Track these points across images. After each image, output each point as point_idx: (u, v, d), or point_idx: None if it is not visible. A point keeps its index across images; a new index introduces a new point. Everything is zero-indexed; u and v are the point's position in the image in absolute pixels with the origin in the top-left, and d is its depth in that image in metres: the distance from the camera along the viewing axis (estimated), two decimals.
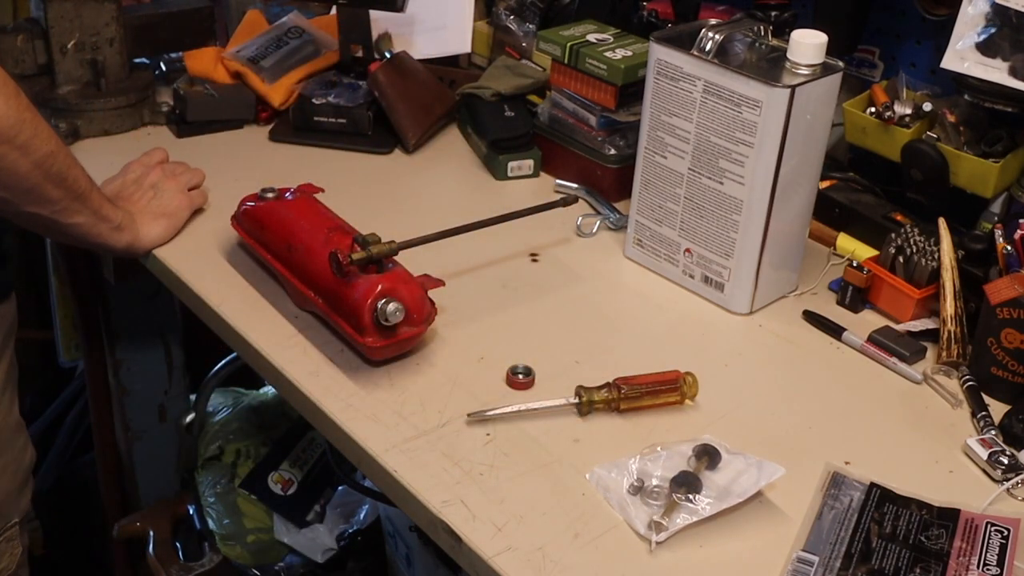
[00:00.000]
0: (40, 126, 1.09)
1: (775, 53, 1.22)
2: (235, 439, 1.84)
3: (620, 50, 1.43)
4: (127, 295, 1.74)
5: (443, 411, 1.06)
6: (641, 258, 1.35)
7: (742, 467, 0.98)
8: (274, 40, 1.68)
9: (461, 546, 0.92)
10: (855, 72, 1.51)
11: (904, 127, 1.36)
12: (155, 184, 1.33)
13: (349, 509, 1.83)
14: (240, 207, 1.28)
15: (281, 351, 1.14)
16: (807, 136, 1.19)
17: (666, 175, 1.28)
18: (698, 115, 1.22)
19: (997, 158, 1.29)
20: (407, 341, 1.11)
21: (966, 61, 1.24)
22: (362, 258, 1.09)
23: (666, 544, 0.93)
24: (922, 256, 1.24)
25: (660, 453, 1.00)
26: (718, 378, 1.14)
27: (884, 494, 1.00)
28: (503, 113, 1.57)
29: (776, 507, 0.98)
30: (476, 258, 1.32)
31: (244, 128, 1.62)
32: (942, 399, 1.15)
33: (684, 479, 0.96)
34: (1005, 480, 1.02)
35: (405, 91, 1.59)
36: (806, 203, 1.27)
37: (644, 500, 0.96)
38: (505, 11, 1.73)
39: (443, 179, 1.55)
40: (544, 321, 1.23)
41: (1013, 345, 1.12)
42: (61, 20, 1.52)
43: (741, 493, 0.95)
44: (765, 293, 1.28)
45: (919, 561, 0.93)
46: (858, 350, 1.21)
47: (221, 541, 1.78)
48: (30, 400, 2.25)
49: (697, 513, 0.94)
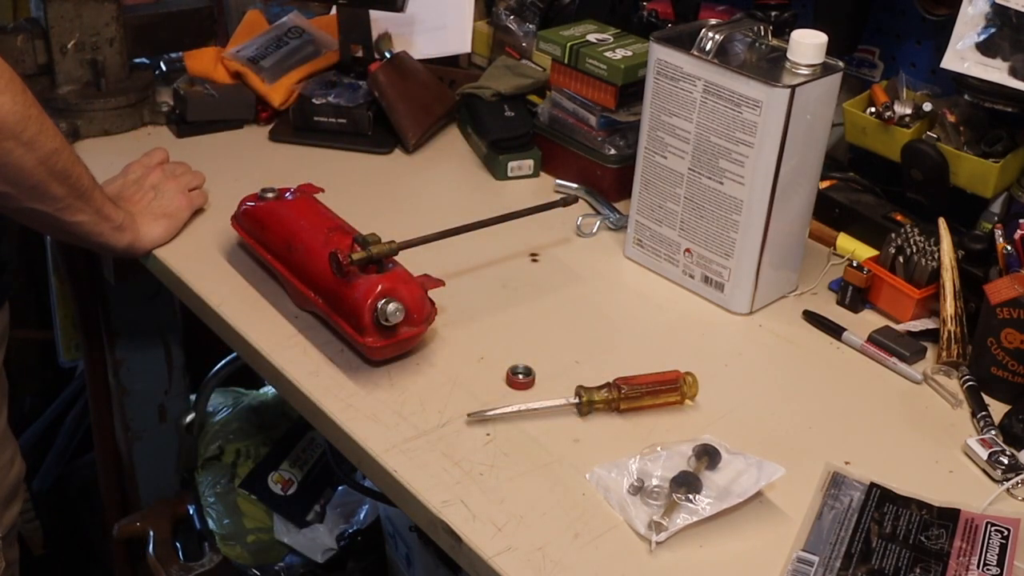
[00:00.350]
0: (46, 123, 1.09)
1: (775, 53, 1.22)
2: (235, 439, 1.84)
3: (620, 50, 1.43)
4: (127, 295, 1.74)
5: (443, 411, 1.06)
6: (641, 258, 1.35)
7: (742, 467, 0.98)
8: (274, 40, 1.68)
9: (461, 546, 0.92)
10: (855, 72, 1.51)
11: (904, 127, 1.36)
12: (156, 185, 1.33)
13: (349, 509, 1.83)
14: (240, 207, 1.28)
15: (281, 351, 1.14)
16: (807, 136, 1.19)
17: (666, 175, 1.28)
18: (698, 115, 1.22)
19: (997, 158, 1.29)
20: (407, 341, 1.11)
21: (966, 61, 1.24)
22: (362, 258, 1.09)
23: (666, 544, 0.93)
24: (922, 256, 1.24)
25: (660, 453, 1.00)
26: (718, 378, 1.14)
27: (884, 494, 1.00)
28: (503, 113, 1.57)
29: (776, 507, 0.98)
30: (476, 258, 1.32)
31: (244, 128, 1.62)
32: (942, 399, 1.15)
33: (684, 479, 0.96)
34: (1005, 480, 1.02)
35: (405, 91, 1.59)
36: (806, 203, 1.27)
37: (644, 500, 0.96)
38: (505, 11, 1.73)
39: (443, 179, 1.55)
40: (544, 321, 1.23)
41: (1013, 345, 1.12)
42: (61, 20, 1.52)
43: (741, 493, 0.95)
44: (765, 293, 1.28)
45: (919, 561, 0.93)
46: (858, 350, 1.21)
47: (221, 541, 1.78)
48: (30, 400, 2.25)
49: (697, 513, 0.94)
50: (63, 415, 2.23)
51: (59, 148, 1.11)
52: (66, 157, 1.13)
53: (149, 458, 1.91)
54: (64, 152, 1.12)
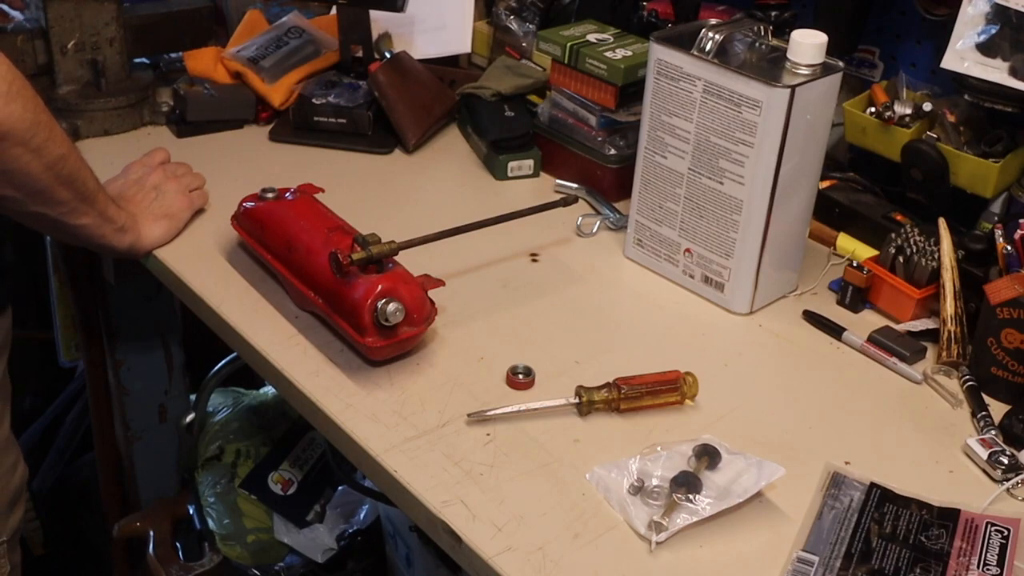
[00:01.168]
0: (55, 129, 1.09)
1: (775, 53, 1.22)
2: (235, 439, 1.84)
3: (620, 50, 1.43)
4: (127, 295, 1.74)
5: (443, 411, 1.06)
6: (641, 258, 1.35)
7: (742, 467, 0.98)
8: (274, 40, 1.68)
9: (461, 546, 0.92)
10: (855, 72, 1.51)
11: (904, 127, 1.36)
12: (157, 185, 1.33)
13: (349, 509, 1.83)
14: (240, 207, 1.28)
15: (281, 351, 1.14)
16: (807, 136, 1.19)
17: (666, 175, 1.28)
18: (698, 115, 1.22)
19: (997, 158, 1.29)
20: (407, 341, 1.11)
21: (966, 61, 1.24)
22: (362, 258, 1.09)
23: (666, 544, 0.93)
24: (922, 256, 1.24)
25: (660, 453, 1.00)
26: (718, 378, 1.14)
27: (884, 494, 1.00)
28: (503, 113, 1.57)
29: (776, 507, 0.98)
30: (476, 258, 1.32)
31: (244, 128, 1.62)
32: (942, 399, 1.15)
33: (684, 479, 0.96)
34: (1005, 480, 1.02)
35: (405, 91, 1.59)
36: (806, 203, 1.27)
37: (644, 500, 0.96)
38: (505, 11, 1.73)
39: (443, 179, 1.55)
40: (544, 321, 1.23)
41: (1013, 345, 1.12)
42: (61, 20, 1.52)
43: (741, 493, 0.95)
44: (765, 293, 1.28)
45: (919, 561, 0.93)
46: (858, 350, 1.21)
47: (221, 541, 1.78)
48: (30, 400, 2.25)
49: (697, 513, 0.94)
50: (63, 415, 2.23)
51: (66, 153, 1.11)
52: (73, 162, 1.13)
53: (149, 458, 1.91)
54: (71, 157, 1.12)
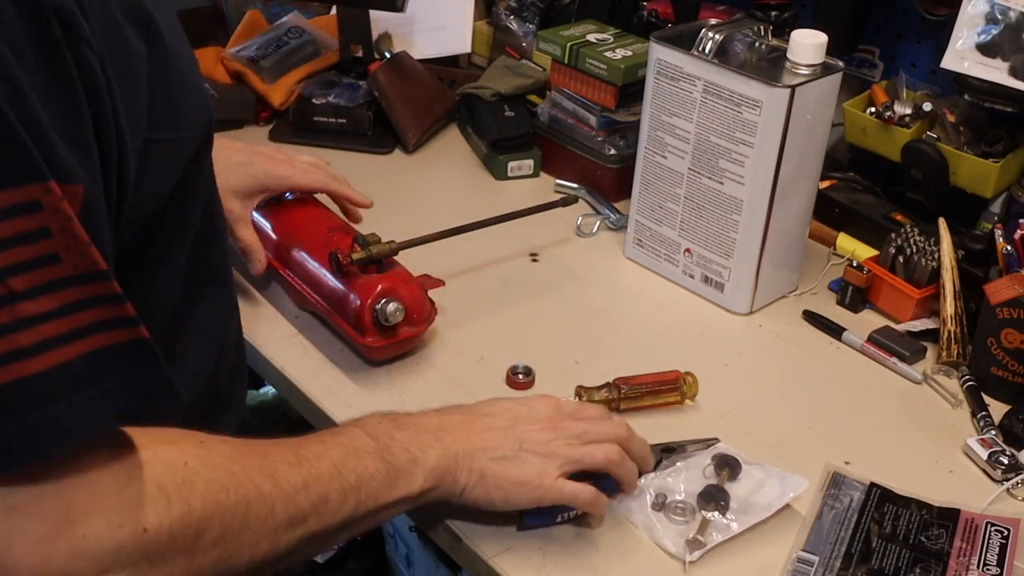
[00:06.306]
0: (263, 486, 0.71)
1: (775, 53, 1.22)
2: None
3: (620, 50, 1.43)
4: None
5: None
6: (641, 258, 1.35)
7: (761, 477, 0.97)
8: (274, 40, 1.68)
9: (461, 546, 0.92)
10: (855, 72, 1.51)
11: (904, 127, 1.36)
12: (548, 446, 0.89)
13: None
14: None
15: (281, 351, 1.14)
16: (807, 136, 1.19)
17: (666, 175, 1.28)
18: (698, 115, 1.22)
19: (997, 158, 1.29)
20: (407, 341, 1.11)
21: (966, 61, 1.24)
22: (362, 258, 1.09)
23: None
24: (922, 256, 1.24)
25: (679, 467, 0.98)
26: (718, 378, 1.14)
27: (884, 494, 1.00)
28: (503, 113, 1.57)
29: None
30: (476, 258, 1.32)
31: (244, 128, 1.62)
32: (942, 399, 1.15)
33: (711, 493, 0.94)
34: (1005, 480, 1.02)
35: (405, 91, 1.59)
36: (806, 203, 1.27)
37: (669, 516, 0.94)
38: (505, 11, 1.73)
39: (443, 179, 1.55)
40: (544, 321, 1.23)
41: (1013, 345, 1.12)
42: None
43: (767, 507, 0.94)
44: (765, 293, 1.28)
45: (919, 561, 0.93)
46: (858, 350, 1.21)
47: None
48: None
49: (728, 530, 0.92)
50: None
51: (287, 495, 0.73)
52: (300, 497, 0.74)
53: None
54: (295, 494, 0.73)
